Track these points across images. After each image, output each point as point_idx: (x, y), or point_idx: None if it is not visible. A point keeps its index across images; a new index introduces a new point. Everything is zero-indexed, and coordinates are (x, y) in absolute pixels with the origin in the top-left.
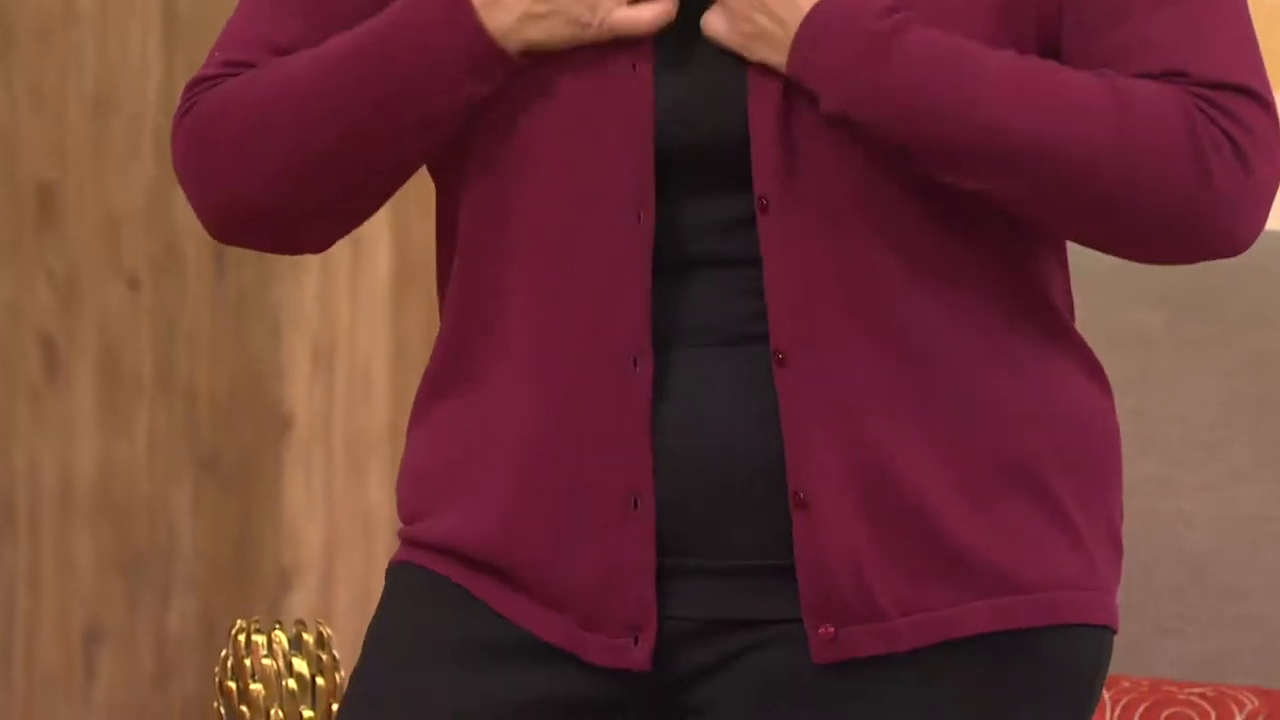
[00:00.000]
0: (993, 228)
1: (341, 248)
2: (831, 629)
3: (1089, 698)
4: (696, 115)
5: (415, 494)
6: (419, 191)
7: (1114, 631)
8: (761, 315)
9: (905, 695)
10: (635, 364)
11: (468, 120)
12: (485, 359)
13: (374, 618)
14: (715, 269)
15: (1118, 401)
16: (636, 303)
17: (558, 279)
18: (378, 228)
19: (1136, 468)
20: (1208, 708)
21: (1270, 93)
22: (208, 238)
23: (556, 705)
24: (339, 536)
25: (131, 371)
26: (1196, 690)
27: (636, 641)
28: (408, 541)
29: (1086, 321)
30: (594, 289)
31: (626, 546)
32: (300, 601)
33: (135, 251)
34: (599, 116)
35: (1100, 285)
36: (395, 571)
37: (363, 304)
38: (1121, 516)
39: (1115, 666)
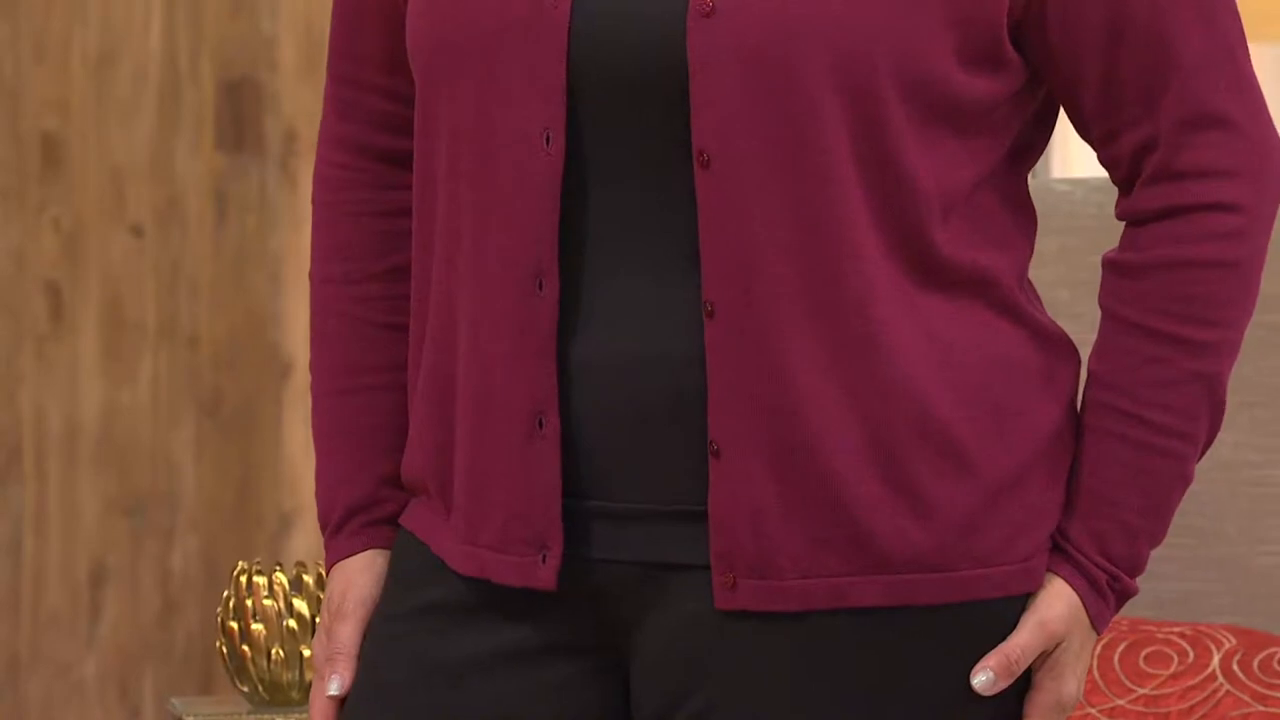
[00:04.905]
0: (938, 201)
1: None
2: (731, 576)
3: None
4: (618, 32)
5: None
6: None
7: (1034, 591)
8: (688, 256)
9: (795, 655)
10: (540, 286)
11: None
12: (425, 284)
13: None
14: (640, 209)
15: None
16: (540, 225)
17: (475, 199)
18: None
19: None
20: (1185, 646)
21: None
22: (209, 187)
23: (495, 657)
24: None
25: (135, 318)
26: (1175, 630)
27: (544, 560)
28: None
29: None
30: (503, 211)
31: (532, 466)
32: (300, 543)
33: (138, 201)
34: (513, 25)
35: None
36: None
37: None
38: (1059, 456)
39: None
